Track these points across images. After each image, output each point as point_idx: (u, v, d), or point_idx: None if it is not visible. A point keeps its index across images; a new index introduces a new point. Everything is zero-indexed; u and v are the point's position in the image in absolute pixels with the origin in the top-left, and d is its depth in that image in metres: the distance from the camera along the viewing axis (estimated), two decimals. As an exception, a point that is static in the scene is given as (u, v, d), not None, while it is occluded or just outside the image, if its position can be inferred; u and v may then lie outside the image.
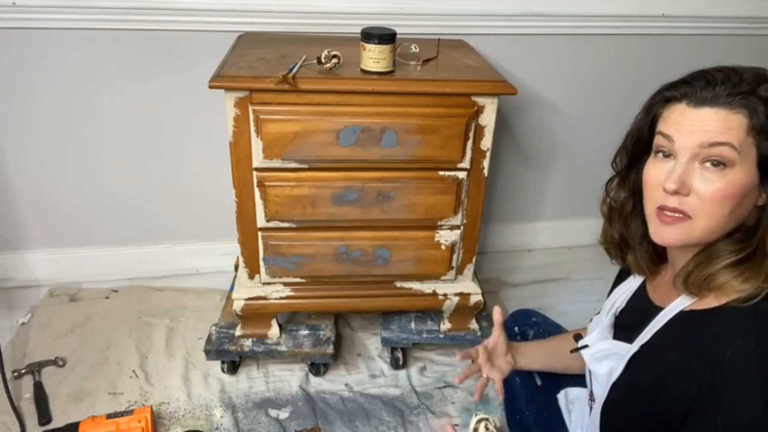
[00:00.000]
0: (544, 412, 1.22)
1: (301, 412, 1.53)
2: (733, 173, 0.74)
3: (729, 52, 1.89)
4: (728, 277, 0.77)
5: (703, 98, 0.75)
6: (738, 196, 0.75)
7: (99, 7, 1.55)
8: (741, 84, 0.74)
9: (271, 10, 1.63)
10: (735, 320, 0.76)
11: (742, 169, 0.74)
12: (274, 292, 1.55)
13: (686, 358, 0.78)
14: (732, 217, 0.77)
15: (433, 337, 1.67)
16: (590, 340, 0.98)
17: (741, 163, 0.74)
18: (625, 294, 0.98)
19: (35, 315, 1.80)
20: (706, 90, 0.75)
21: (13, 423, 1.43)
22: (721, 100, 0.74)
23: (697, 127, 0.75)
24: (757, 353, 0.72)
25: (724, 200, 0.75)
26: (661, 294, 0.90)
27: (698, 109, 0.75)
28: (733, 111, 0.73)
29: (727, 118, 0.74)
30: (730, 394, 0.73)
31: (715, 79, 0.75)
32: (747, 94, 0.73)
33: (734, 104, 0.73)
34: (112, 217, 1.89)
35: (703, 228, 0.77)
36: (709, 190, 0.75)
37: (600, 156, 0.94)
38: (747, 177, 0.74)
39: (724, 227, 0.78)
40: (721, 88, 0.74)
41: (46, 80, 1.64)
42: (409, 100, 1.31)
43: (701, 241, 0.80)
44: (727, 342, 0.75)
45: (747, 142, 0.73)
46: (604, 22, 1.82)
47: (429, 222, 1.48)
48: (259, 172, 1.36)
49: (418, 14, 1.69)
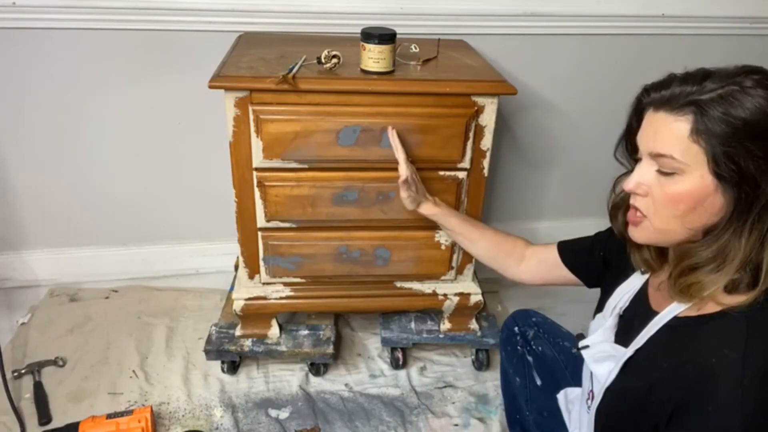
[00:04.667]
0: (544, 412, 1.22)
1: (301, 412, 1.53)
2: (682, 179, 0.74)
3: (729, 52, 1.89)
4: (712, 287, 0.76)
5: (658, 101, 0.76)
6: (689, 200, 0.75)
7: (99, 7, 1.55)
8: (693, 86, 0.73)
9: (271, 10, 1.63)
10: (725, 329, 0.75)
11: (692, 176, 0.74)
12: (274, 292, 1.55)
13: (676, 365, 0.78)
14: (685, 220, 0.77)
15: (433, 337, 1.67)
16: (592, 341, 0.98)
17: (690, 170, 0.74)
18: (629, 294, 0.97)
19: (35, 315, 1.80)
20: (664, 91, 0.75)
21: (13, 423, 1.43)
22: (672, 103, 0.74)
23: (650, 134, 0.77)
24: (741, 364, 0.72)
25: (673, 203, 0.76)
26: (658, 297, 0.90)
27: (656, 113, 0.76)
28: (680, 117, 0.73)
29: (671, 127, 0.74)
30: (711, 403, 0.73)
31: (671, 81, 0.75)
32: (693, 94, 0.72)
33: (683, 109, 0.73)
34: (112, 217, 1.89)
35: (658, 228, 0.79)
36: (659, 193, 0.77)
37: (600, 156, 0.94)
38: (698, 182, 0.74)
39: (683, 227, 0.78)
40: (676, 89, 0.74)
41: (46, 80, 1.64)
42: (409, 100, 1.31)
43: (660, 242, 0.82)
44: (714, 350, 0.75)
45: (692, 150, 0.72)
46: (604, 22, 1.82)
47: (429, 222, 1.47)
48: (259, 172, 1.36)
49: (418, 14, 1.69)
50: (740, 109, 0.70)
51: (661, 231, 0.80)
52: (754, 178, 0.71)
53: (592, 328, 1.04)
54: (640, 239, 0.84)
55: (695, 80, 0.74)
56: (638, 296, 0.95)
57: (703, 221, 0.77)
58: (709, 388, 0.73)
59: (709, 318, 0.77)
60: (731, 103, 0.71)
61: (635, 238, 0.85)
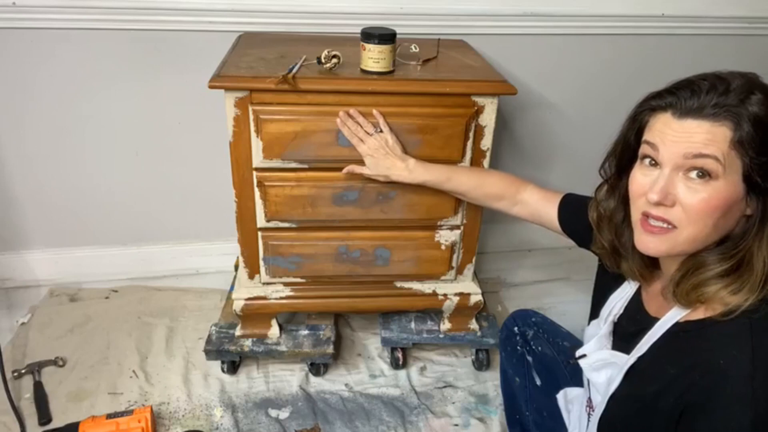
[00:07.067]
0: (544, 412, 1.22)
1: (301, 412, 1.53)
2: (718, 184, 0.73)
3: (729, 52, 1.89)
4: (716, 288, 0.76)
5: (687, 109, 0.74)
6: (722, 207, 0.74)
7: (99, 7, 1.55)
8: (727, 95, 0.73)
9: (271, 10, 1.63)
10: (730, 331, 0.75)
11: (726, 181, 0.73)
12: (274, 292, 1.55)
13: (684, 370, 0.77)
14: (717, 227, 0.76)
15: (433, 337, 1.67)
16: (588, 350, 0.97)
17: (725, 175, 0.73)
18: (621, 301, 0.96)
19: (35, 315, 1.80)
20: (691, 100, 0.74)
21: (13, 423, 1.43)
22: (706, 111, 0.73)
23: (682, 138, 0.74)
24: (751, 364, 0.72)
25: (709, 211, 0.75)
26: (655, 304, 0.89)
27: (683, 120, 0.75)
28: (718, 123, 0.72)
29: (711, 131, 0.73)
30: (721, 404, 0.73)
31: (701, 89, 0.74)
32: (732, 107, 0.72)
33: (719, 116, 0.72)
34: (112, 217, 1.89)
35: (688, 238, 0.77)
36: (693, 200, 0.75)
37: (600, 156, 0.94)
38: (731, 188, 0.74)
39: (709, 237, 0.77)
40: (706, 98, 0.73)
41: (46, 80, 1.64)
42: (409, 100, 1.31)
43: (685, 251, 0.80)
44: (722, 352, 0.74)
45: (731, 155, 0.72)
46: (604, 22, 1.82)
47: (429, 222, 1.48)
48: (259, 172, 1.36)
49: (418, 14, 1.69)
50: None
51: (690, 240, 0.77)
52: None
53: (587, 335, 1.03)
54: (659, 250, 0.80)
55: (717, 89, 0.73)
56: (632, 303, 0.95)
57: (727, 229, 0.77)
58: (719, 388, 0.73)
59: (713, 321, 0.77)
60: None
61: (650, 249, 0.81)
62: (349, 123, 1.28)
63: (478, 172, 1.34)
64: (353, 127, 1.29)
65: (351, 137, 1.29)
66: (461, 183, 1.31)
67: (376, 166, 1.31)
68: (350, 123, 1.29)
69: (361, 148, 1.30)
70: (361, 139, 1.29)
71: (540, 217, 1.20)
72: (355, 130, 1.29)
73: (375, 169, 1.31)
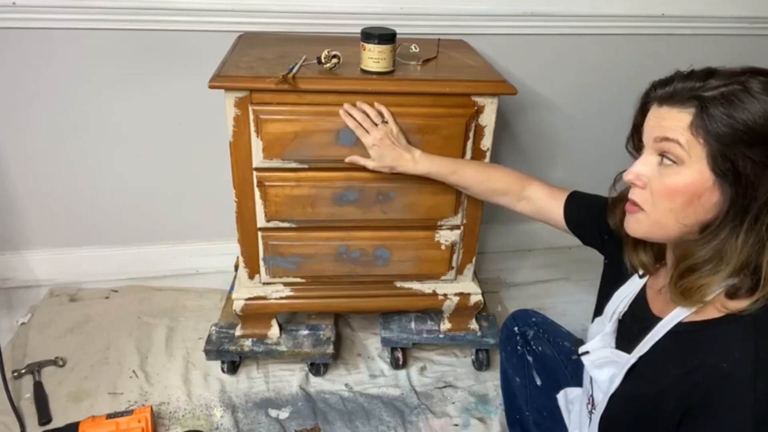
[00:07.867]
0: (544, 412, 1.22)
1: (301, 412, 1.53)
2: (682, 170, 0.74)
3: (729, 52, 1.89)
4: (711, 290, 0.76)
5: (662, 96, 0.77)
6: (686, 193, 0.75)
7: (99, 7, 1.55)
8: (696, 81, 0.74)
9: (271, 10, 1.63)
10: (733, 332, 0.75)
11: (691, 169, 0.74)
12: (274, 292, 1.55)
13: (686, 371, 0.77)
14: (684, 213, 0.76)
15: (433, 337, 1.67)
16: (591, 347, 0.97)
17: (690, 162, 0.74)
18: (627, 298, 0.96)
19: (35, 315, 1.80)
20: (667, 87, 0.77)
21: (13, 423, 1.43)
22: (676, 98, 0.75)
23: (656, 123, 0.77)
24: (753, 367, 0.72)
25: (669, 195, 0.76)
26: (660, 302, 0.89)
27: (660, 107, 0.77)
28: (684, 109, 0.74)
29: (678, 116, 0.74)
30: (723, 407, 0.73)
31: (675, 77, 0.77)
32: (693, 91, 0.73)
33: (685, 103, 0.74)
34: (112, 217, 1.90)
35: (655, 221, 0.79)
36: (657, 184, 0.77)
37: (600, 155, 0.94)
38: (696, 176, 0.74)
39: (677, 222, 0.78)
40: (677, 85, 0.75)
41: (46, 80, 1.64)
42: (409, 100, 1.31)
43: (662, 236, 0.81)
44: (724, 354, 0.74)
45: (694, 142, 0.73)
46: (604, 22, 1.82)
47: (429, 222, 1.48)
48: (259, 172, 1.36)
49: (418, 14, 1.69)
50: (742, 111, 0.70)
51: (656, 223, 0.80)
52: (751, 180, 0.71)
53: (591, 332, 1.03)
54: (635, 232, 0.83)
55: (699, 77, 0.75)
56: (637, 300, 0.94)
57: (699, 217, 0.77)
58: (721, 390, 0.73)
59: (715, 323, 0.77)
60: (733, 103, 0.70)
61: (630, 230, 0.84)
62: (354, 112, 1.27)
63: (484, 167, 1.33)
64: (359, 116, 1.27)
65: (356, 128, 1.28)
66: (467, 177, 1.30)
67: (382, 157, 1.29)
68: (355, 113, 1.27)
69: (366, 139, 1.28)
70: (366, 129, 1.28)
71: (545, 213, 1.20)
72: (361, 121, 1.28)
73: (380, 160, 1.30)
